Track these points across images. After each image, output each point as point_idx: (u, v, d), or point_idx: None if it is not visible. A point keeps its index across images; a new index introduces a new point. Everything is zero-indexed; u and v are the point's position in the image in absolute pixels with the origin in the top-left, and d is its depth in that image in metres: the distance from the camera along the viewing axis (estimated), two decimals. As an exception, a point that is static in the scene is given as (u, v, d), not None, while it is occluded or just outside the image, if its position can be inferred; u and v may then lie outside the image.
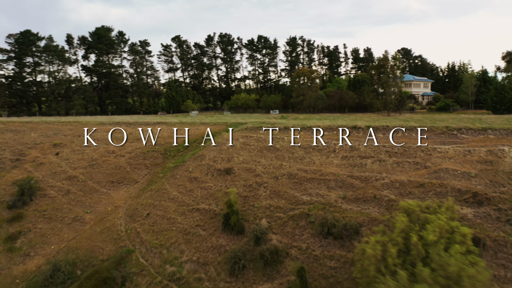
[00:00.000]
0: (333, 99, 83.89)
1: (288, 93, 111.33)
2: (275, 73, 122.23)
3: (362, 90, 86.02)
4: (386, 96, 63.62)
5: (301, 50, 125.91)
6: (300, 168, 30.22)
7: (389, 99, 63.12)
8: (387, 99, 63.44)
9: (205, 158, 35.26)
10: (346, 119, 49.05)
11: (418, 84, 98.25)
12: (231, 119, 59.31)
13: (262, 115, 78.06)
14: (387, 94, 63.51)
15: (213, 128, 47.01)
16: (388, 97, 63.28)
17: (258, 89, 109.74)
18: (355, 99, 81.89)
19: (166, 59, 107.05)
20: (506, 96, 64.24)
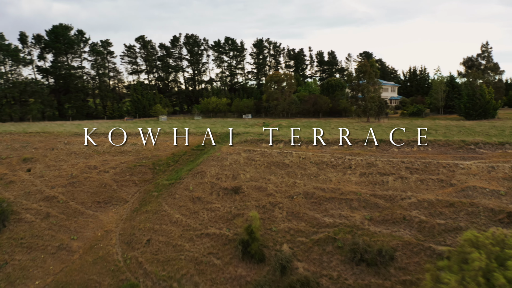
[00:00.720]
0: (307, 103, 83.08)
1: (257, 96, 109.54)
2: (242, 76, 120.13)
3: (336, 94, 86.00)
4: (366, 102, 63.48)
5: (268, 53, 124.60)
6: (316, 186, 28.33)
7: (369, 105, 63.02)
8: (367, 105, 63.31)
9: (206, 175, 32.44)
10: (357, 129, 47.92)
11: (386, 88, 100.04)
12: (212, 126, 56.56)
13: (238, 121, 75.63)
14: (367, 100, 63.39)
15: (200, 139, 44.11)
16: (368, 103, 63.16)
17: (227, 92, 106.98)
18: (329, 104, 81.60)
19: (130, 60, 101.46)
20: (477, 103, 66.37)
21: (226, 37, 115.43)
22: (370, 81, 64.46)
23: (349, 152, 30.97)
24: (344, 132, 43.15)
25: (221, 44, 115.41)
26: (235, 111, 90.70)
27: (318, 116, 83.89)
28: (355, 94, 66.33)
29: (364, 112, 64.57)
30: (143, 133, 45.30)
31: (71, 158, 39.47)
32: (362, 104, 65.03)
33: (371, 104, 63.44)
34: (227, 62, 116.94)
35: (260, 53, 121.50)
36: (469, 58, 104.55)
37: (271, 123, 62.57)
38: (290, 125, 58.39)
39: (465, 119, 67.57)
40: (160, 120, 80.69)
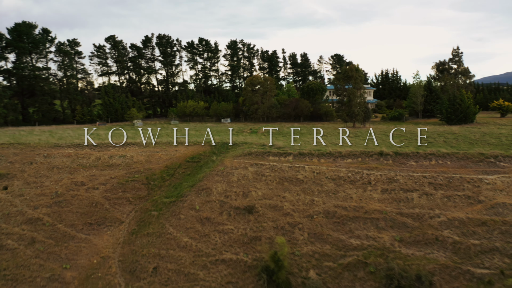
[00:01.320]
0: (288, 107, 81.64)
1: (232, 98, 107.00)
2: (217, 78, 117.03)
3: (317, 98, 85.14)
4: (353, 108, 62.75)
5: (242, 55, 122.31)
6: (336, 204, 26.61)
7: (356, 111, 62.35)
8: (353, 111, 62.61)
9: (212, 192, 29.94)
10: (352, 137, 46.60)
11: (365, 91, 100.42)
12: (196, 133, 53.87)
13: (219, 125, 72.96)
14: (354, 105, 62.70)
15: (194, 149, 41.41)
16: (355, 109, 62.46)
17: (202, 95, 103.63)
18: (310, 108, 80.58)
19: (100, 61, 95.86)
20: (458, 108, 67.41)
21: (200, 38, 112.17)
22: (356, 86, 63.82)
23: (366, 166, 29.50)
24: (344, 141, 41.84)
25: (195, 45, 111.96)
26: (213, 115, 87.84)
27: (299, 120, 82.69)
28: (341, 99, 65.50)
29: (350, 117, 63.82)
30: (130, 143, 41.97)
31: (53, 173, 35.66)
32: (347, 110, 64.25)
33: (357, 110, 62.79)
34: (201, 64, 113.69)
35: (234, 55, 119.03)
36: (441, 62, 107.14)
37: (258, 129, 60.49)
38: (279, 132, 56.60)
39: (447, 124, 68.42)
40: (135, 125, 76.56)
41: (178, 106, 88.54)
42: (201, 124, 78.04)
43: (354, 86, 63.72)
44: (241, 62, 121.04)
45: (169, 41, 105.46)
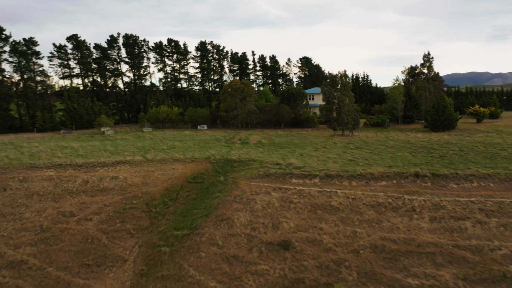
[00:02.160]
0: (269, 113, 78.51)
1: (204, 103, 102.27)
2: (187, 81, 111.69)
3: (297, 104, 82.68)
4: (342, 115, 60.69)
5: (211, 57, 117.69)
6: (383, 236, 23.69)
7: (345, 118, 60.32)
8: (344, 118, 60.55)
9: (234, 223, 26.05)
10: (353, 148, 44.02)
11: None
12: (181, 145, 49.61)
13: (198, 133, 68.42)
14: (344, 112, 60.67)
15: (192, 167, 37.18)
16: (344, 116, 60.43)
17: (173, 99, 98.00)
18: (291, 114, 78.01)
19: (61, 62, 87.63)
20: (442, 115, 67.43)
21: (169, 38, 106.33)
22: (345, 92, 61.83)
23: (405, 190, 26.84)
24: (353, 155, 39.25)
25: (163, 46, 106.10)
26: (188, 121, 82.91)
27: (280, 126, 79.85)
28: (330, 106, 63.22)
29: (340, 125, 61.72)
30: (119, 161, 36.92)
31: (34, 201, 30.16)
32: (336, 117, 62.13)
33: (347, 118, 60.81)
34: (170, 66, 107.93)
35: (204, 57, 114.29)
36: (413, 68, 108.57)
37: (246, 138, 56.69)
38: (273, 142, 53.25)
39: (432, 131, 68.26)
40: (106, 133, 70.25)
41: (150, 111, 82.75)
42: (178, 132, 73.09)
43: (343, 92, 61.70)
44: (212, 64, 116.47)
45: (136, 41, 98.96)
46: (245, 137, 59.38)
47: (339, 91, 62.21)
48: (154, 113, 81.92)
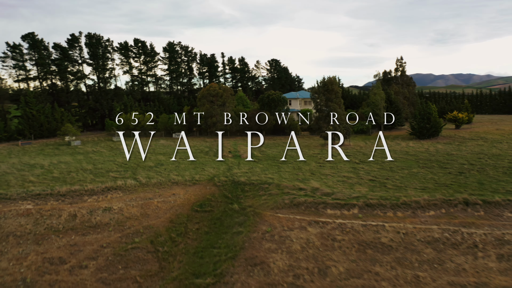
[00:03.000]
0: (250, 120, 74.38)
1: (174, 108, 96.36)
2: (154, 84, 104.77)
3: (278, 110, 79.11)
4: (335, 124, 57.83)
5: (180, 58, 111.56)
6: (451, 280, 20.40)
7: (338, 128, 57.51)
8: (336, 127, 57.71)
9: (270, 268, 21.76)
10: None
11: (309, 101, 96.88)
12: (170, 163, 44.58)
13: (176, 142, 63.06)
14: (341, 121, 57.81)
15: (196, 191, 32.50)
16: (338, 126, 57.58)
17: (142, 104, 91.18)
18: (272, 121, 74.42)
19: (16, 64, 78.33)
20: (428, 123, 66.51)
21: (136, 39, 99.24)
22: (337, 100, 59.02)
23: (459, 222, 23.79)
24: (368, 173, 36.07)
25: (129, 46, 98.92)
26: (162, 129, 76.97)
27: (262, 134, 75.94)
28: (321, 115, 60.06)
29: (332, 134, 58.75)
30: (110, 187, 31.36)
31: (10, 245, 24.24)
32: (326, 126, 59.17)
33: (339, 127, 58.01)
34: (137, 68, 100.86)
35: (172, 59, 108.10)
36: (386, 73, 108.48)
37: (235, 149, 52.16)
38: (265, 156, 49.24)
39: (418, 139, 67.17)
40: (72, 144, 63.08)
41: (120, 118, 75.92)
42: (154, 142, 67.20)
43: (334, 100, 58.84)
44: (181, 66, 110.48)
45: (100, 41, 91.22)
46: (233, 149, 54.90)
47: (330, 99, 59.25)
48: (124, 120, 75.24)
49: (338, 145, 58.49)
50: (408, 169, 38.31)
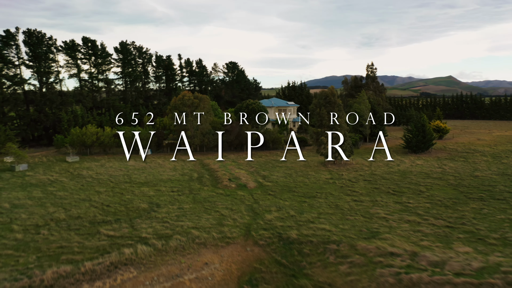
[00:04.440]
0: (230, 134, 65.63)
1: (131, 118, 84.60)
2: (106, 90, 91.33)
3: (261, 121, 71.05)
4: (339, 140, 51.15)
5: (133, 60, 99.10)
6: None
7: (343, 144, 50.93)
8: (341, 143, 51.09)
9: None
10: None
11: (289, 109, 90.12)
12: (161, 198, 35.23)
13: (152, 166, 52.63)
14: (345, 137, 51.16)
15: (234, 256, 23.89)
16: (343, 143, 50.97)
17: (95, 114, 78.17)
18: (255, 135, 66.28)
19: None
20: (425, 136, 62.48)
21: (84, 37, 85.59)
22: (340, 113, 52.41)
23: None
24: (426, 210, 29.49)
25: (77, 46, 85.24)
26: (127, 145, 65.53)
27: (242, 149, 67.52)
28: (323, 130, 52.96)
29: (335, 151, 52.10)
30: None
31: None
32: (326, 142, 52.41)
33: (345, 144, 51.50)
34: (86, 72, 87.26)
35: (127, 61, 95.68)
36: (357, 78, 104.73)
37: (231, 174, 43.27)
38: (275, 184, 41.13)
39: (413, 153, 62.97)
40: (17, 169, 50.28)
41: (73, 133, 63.31)
42: (120, 163, 56.17)
43: (338, 114, 52.14)
44: (137, 69, 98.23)
45: (42, 39, 76.95)
46: (229, 174, 46.00)
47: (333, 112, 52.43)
48: (79, 135, 62.88)
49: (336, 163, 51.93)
50: (464, 202, 32.50)
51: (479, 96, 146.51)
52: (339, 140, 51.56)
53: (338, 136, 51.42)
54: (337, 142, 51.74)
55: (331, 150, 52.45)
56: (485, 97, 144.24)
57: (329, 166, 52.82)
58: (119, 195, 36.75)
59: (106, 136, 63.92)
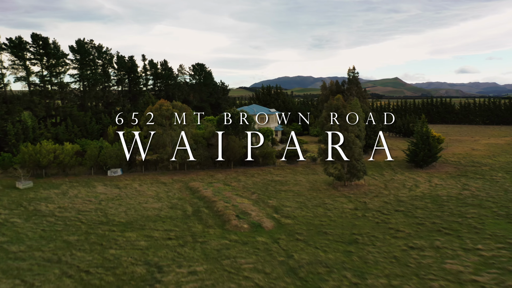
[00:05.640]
0: (214, 149, 56.62)
1: (93, 129, 73.10)
2: (62, 95, 78.52)
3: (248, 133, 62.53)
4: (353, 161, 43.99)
5: (93, 61, 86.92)
6: None
7: (358, 165, 43.88)
8: (355, 164, 43.97)
9: None
10: None
11: (272, 117, 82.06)
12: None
13: (128, 193, 42.77)
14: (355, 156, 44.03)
15: None
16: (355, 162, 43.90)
17: (49, 125, 65.95)
18: (243, 149, 57.83)
19: None
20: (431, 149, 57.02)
21: (34, 34, 72.76)
22: (353, 128, 45.31)
23: None
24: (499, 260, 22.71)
25: (24, 44, 72.41)
26: (90, 164, 54.66)
27: (229, 166, 58.81)
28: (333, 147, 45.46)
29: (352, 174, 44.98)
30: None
31: None
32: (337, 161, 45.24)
33: (358, 163, 44.51)
34: (37, 75, 74.46)
35: (84, 62, 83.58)
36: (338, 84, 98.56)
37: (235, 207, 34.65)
38: (296, 221, 33.08)
39: (419, 168, 57.37)
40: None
41: (23, 150, 51.59)
42: (86, 189, 45.79)
43: (351, 129, 44.97)
44: (96, 72, 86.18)
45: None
46: (232, 206, 37.27)
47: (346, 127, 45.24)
48: (32, 154, 51.34)
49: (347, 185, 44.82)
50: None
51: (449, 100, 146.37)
52: (353, 159, 44.48)
53: (352, 154, 44.29)
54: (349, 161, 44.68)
55: (342, 170, 45.35)
56: (428, 98, 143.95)
57: (340, 188, 45.59)
58: (98, 250, 27.10)
59: (67, 155, 52.73)
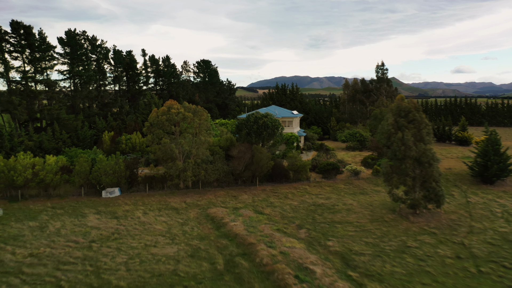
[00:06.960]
0: (238, 162, 45.23)
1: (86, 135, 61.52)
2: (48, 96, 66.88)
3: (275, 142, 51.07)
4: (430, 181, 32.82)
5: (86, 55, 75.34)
6: None
7: (435, 186, 32.68)
8: (432, 186, 32.76)
9: None
10: None
11: (296, 120, 70.43)
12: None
13: (129, 228, 31.34)
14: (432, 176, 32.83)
15: None
16: (433, 182, 32.69)
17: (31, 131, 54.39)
18: (270, 161, 46.53)
19: None
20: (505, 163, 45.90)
21: (15, 21, 61.04)
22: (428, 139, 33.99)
23: None
24: None
25: (3, 33, 60.71)
26: (80, 182, 43.09)
27: (253, 182, 47.33)
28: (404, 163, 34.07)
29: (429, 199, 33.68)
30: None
31: None
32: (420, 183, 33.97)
33: (438, 186, 33.14)
34: (18, 70, 62.76)
35: (76, 56, 71.91)
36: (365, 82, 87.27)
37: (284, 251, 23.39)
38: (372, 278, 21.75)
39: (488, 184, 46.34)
40: None
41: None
42: (74, 220, 34.25)
43: (427, 139, 33.65)
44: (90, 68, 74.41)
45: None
46: (272, 249, 25.77)
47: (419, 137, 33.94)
48: (4, 171, 39.76)
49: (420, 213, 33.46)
50: None
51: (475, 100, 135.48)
52: (432, 180, 33.17)
53: (430, 173, 32.97)
54: (423, 182, 33.47)
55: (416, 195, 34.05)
56: (452, 98, 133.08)
57: (411, 217, 34.22)
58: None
59: (49, 171, 41.10)
